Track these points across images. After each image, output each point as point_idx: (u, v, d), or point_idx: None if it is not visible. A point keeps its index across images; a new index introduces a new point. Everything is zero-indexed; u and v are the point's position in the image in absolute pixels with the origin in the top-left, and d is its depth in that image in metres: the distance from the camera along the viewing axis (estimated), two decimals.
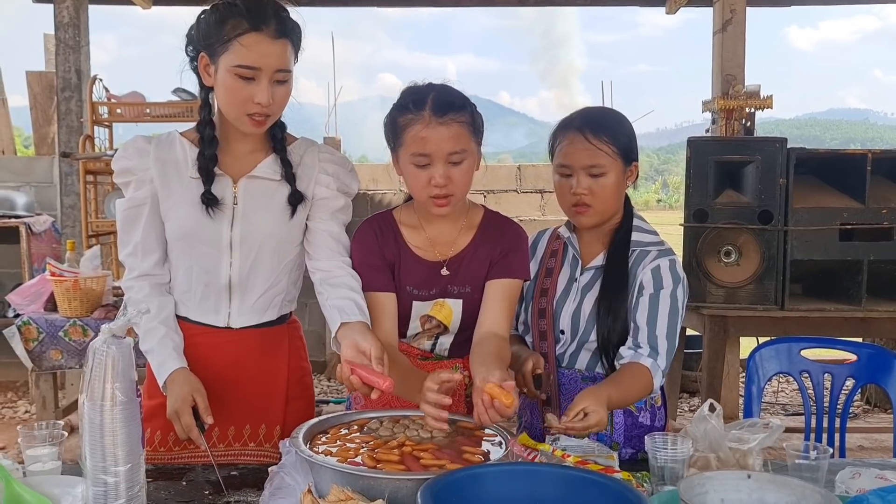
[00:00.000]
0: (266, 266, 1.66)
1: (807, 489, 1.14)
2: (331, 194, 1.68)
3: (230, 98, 1.54)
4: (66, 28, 4.28)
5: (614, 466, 1.36)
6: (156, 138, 1.66)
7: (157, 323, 1.62)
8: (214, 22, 1.52)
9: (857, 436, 4.06)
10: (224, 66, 1.52)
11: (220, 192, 1.62)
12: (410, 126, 1.56)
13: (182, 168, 1.64)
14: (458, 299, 1.69)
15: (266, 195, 1.65)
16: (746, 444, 1.41)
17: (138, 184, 1.63)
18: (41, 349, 3.34)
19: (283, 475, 1.31)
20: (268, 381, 1.71)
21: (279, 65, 1.52)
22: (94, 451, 1.17)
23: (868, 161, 3.38)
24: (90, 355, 1.17)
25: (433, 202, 1.58)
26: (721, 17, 4.16)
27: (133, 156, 1.63)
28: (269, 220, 1.64)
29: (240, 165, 1.65)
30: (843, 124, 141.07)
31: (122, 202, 1.65)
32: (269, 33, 1.51)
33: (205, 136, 1.62)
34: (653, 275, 1.67)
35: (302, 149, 1.70)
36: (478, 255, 1.69)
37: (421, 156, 1.55)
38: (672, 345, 1.66)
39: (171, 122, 4.04)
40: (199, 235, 1.63)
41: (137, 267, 1.65)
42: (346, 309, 1.54)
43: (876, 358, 2.08)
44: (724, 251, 3.46)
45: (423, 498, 1.10)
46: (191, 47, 1.60)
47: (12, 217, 4.35)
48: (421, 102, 1.56)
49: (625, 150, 1.67)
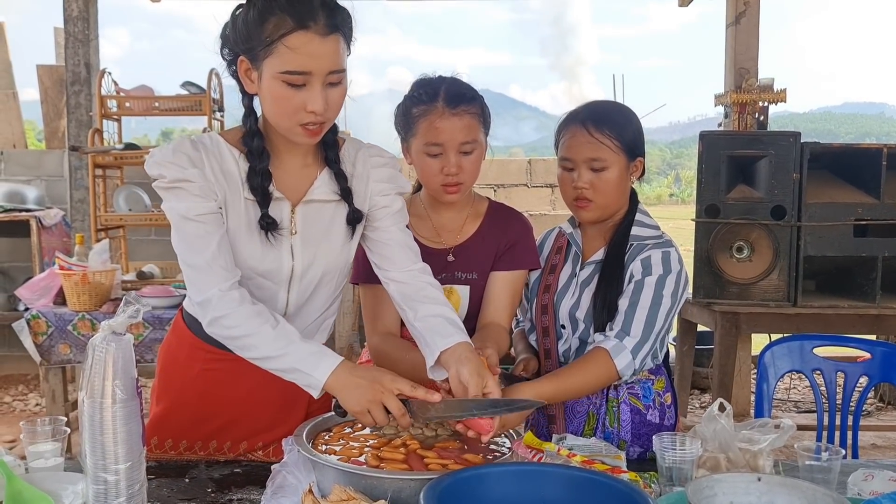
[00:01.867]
0: (323, 295, 1.56)
1: (818, 493, 1.11)
2: (388, 200, 1.54)
3: (280, 108, 1.34)
4: (75, 21, 4.28)
5: (621, 467, 1.34)
6: (201, 143, 1.42)
7: (272, 327, 1.36)
8: (253, 21, 1.31)
9: (870, 434, 4.02)
10: (269, 72, 1.31)
11: (277, 217, 1.44)
12: (423, 117, 1.60)
13: (237, 184, 1.42)
14: (466, 286, 1.71)
15: (326, 221, 1.49)
16: (757, 445, 1.38)
17: (202, 193, 1.38)
18: (50, 343, 3.34)
19: (285, 474, 1.30)
20: (292, 400, 1.57)
21: (332, 65, 1.32)
22: (94, 449, 1.16)
23: (883, 156, 3.32)
24: (90, 352, 1.17)
25: (445, 190, 1.63)
26: (734, 9, 4.10)
27: (186, 164, 1.37)
28: (330, 250, 1.51)
29: (294, 184, 1.47)
30: (859, 118, 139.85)
31: (179, 211, 1.38)
32: (319, 30, 1.30)
33: (254, 149, 1.41)
34: (642, 264, 1.65)
35: (352, 154, 1.53)
36: (484, 244, 1.72)
37: (434, 145, 1.60)
38: (649, 331, 1.60)
39: (179, 115, 4.04)
40: (256, 267, 1.45)
41: (215, 282, 1.36)
42: (439, 330, 1.42)
43: (890, 356, 2.04)
44: (736, 247, 3.42)
45: (426, 499, 1.08)
46: (226, 50, 1.39)
47: (23, 211, 4.37)
48: (434, 94, 1.60)
49: (629, 144, 1.65)
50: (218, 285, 1.36)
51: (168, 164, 1.38)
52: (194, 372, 1.57)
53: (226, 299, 1.36)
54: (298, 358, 1.33)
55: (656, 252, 1.66)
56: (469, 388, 1.32)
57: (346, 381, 1.32)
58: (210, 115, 3.96)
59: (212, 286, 1.36)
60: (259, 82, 1.35)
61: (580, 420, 1.70)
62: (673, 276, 1.64)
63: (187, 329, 1.58)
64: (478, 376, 1.33)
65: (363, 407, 1.30)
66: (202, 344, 1.54)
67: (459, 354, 1.37)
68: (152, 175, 1.41)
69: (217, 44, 1.40)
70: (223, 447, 1.61)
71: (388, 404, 1.29)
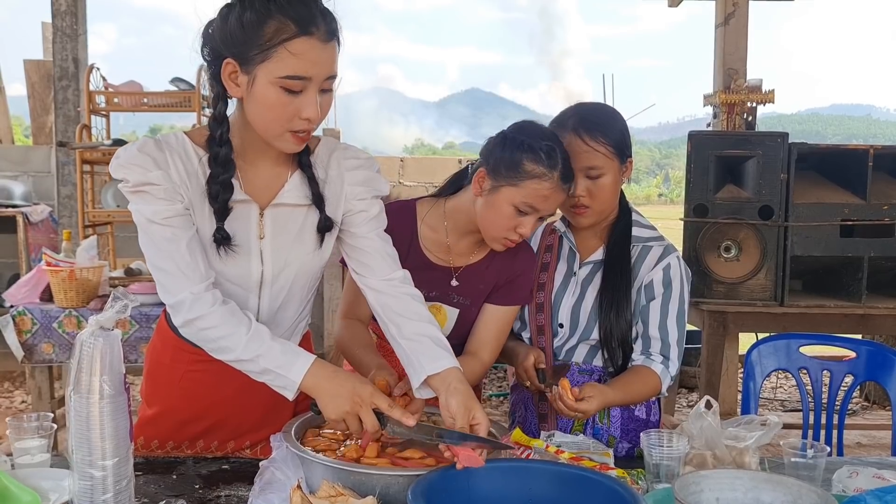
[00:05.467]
0: (296, 300, 1.53)
1: (803, 489, 1.12)
2: (365, 205, 1.49)
3: (273, 114, 1.30)
4: (63, 16, 4.25)
5: (609, 464, 1.35)
6: (166, 144, 1.37)
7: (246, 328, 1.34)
8: (250, 23, 1.25)
9: (855, 432, 4.05)
10: (266, 77, 1.27)
11: (243, 222, 1.41)
12: (538, 179, 1.51)
13: (202, 186, 1.38)
14: (456, 309, 1.68)
15: (296, 226, 1.45)
16: (743, 442, 1.39)
17: (168, 196, 1.34)
18: (34, 341, 3.32)
19: (273, 470, 1.29)
20: (279, 401, 1.43)
21: (330, 71, 1.30)
22: (80, 445, 1.15)
23: (870, 157, 3.34)
24: (77, 347, 1.16)
25: (503, 243, 1.59)
26: (723, 10, 4.12)
27: (150, 166, 1.33)
28: (300, 255, 1.46)
29: (263, 186, 1.43)
30: (846, 120, 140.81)
31: (145, 215, 1.34)
32: (321, 36, 1.27)
33: (220, 158, 1.35)
34: (664, 274, 1.69)
35: (325, 156, 1.48)
36: (488, 271, 1.68)
37: (531, 207, 1.54)
38: (682, 348, 1.71)
39: (168, 111, 4.01)
40: (223, 272, 1.42)
41: (186, 285, 1.33)
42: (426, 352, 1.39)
43: (875, 355, 2.06)
44: (724, 246, 3.44)
45: (414, 495, 1.09)
46: (208, 49, 1.33)
47: (9, 206, 4.33)
48: (554, 161, 1.52)
49: (620, 147, 1.64)
50: (189, 288, 1.33)
51: (131, 167, 1.33)
52: (179, 374, 1.55)
53: (199, 301, 1.33)
54: (271, 359, 1.32)
55: (672, 259, 1.71)
56: (457, 420, 1.30)
57: (324, 386, 1.31)
58: (199, 112, 3.94)
59: (183, 289, 1.33)
60: (249, 87, 1.29)
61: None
62: (688, 283, 1.72)
63: (170, 331, 1.54)
64: (465, 409, 1.30)
65: (339, 416, 1.31)
66: (186, 346, 1.50)
67: (449, 383, 1.34)
68: (116, 178, 1.36)
69: (197, 42, 1.34)
70: (210, 447, 1.60)
71: (364, 418, 1.29)
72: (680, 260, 1.72)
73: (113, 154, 1.38)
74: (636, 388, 1.65)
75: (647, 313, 1.69)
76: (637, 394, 1.66)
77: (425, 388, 1.39)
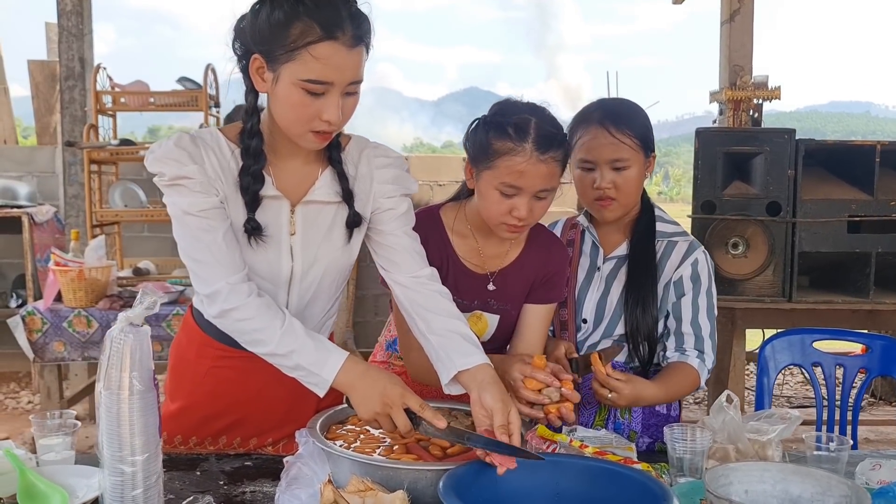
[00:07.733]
0: (324, 297, 1.53)
1: (832, 480, 1.13)
2: (393, 203, 1.50)
3: (294, 114, 1.32)
4: (69, 16, 4.25)
5: (632, 458, 1.35)
6: (200, 139, 1.39)
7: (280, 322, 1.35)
8: (277, 22, 1.27)
9: (863, 428, 4.04)
10: (289, 77, 1.28)
11: (273, 218, 1.42)
12: (508, 155, 1.46)
13: (236, 181, 1.40)
14: (496, 315, 1.66)
15: (326, 223, 1.47)
16: (766, 436, 1.40)
17: (204, 189, 1.36)
18: (45, 340, 3.32)
19: (300, 465, 1.29)
20: (302, 397, 1.49)
21: (354, 77, 1.31)
22: (111, 441, 1.15)
23: (877, 152, 3.35)
24: (107, 343, 1.16)
25: (507, 228, 1.53)
26: (729, 7, 4.13)
27: (186, 160, 1.35)
28: (329, 251, 1.48)
29: (295, 183, 1.44)
30: (845, 117, 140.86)
31: (181, 206, 1.36)
32: (346, 41, 1.27)
33: (251, 149, 1.38)
34: (692, 269, 1.70)
35: (356, 153, 1.50)
36: (523, 272, 1.65)
37: (511, 187, 1.47)
38: (715, 341, 1.71)
39: (175, 110, 4.02)
40: (254, 267, 1.42)
41: (223, 275, 1.34)
42: (456, 347, 1.39)
43: (890, 350, 2.07)
44: (731, 243, 3.44)
45: (445, 489, 1.09)
46: (239, 44, 1.35)
47: (14, 207, 4.33)
48: (523, 132, 1.45)
49: (645, 141, 1.66)
50: (226, 278, 1.34)
51: (168, 161, 1.35)
52: (204, 369, 1.56)
53: (235, 292, 1.34)
54: (304, 355, 1.33)
55: (699, 254, 1.72)
56: (495, 416, 1.27)
57: (355, 384, 1.33)
58: (206, 111, 3.94)
59: (219, 279, 1.34)
60: (274, 84, 1.31)
61: (591, 411, 1.71)
62: (714, 277, 1.74)
63: (197, 327, 1.56)
64: (503, 404, 1.29)
65: (371, 417, 1.32)
66: (212, 341, 1.52)
67: (482, 379, 1.33)
68: (152, 171, 1.39)
69: (229, 35, 1.36)
70: (233, 443, 1.60)
71: (396, 419, 1.30)
72: (706, 254, 1.72)
73: (120, 154, 1.39)
74: (677, 382, 1.64)
75: (679, 309, 1.69)
76: (678, 388, 1.65)
77: (454, 385, 1.39)
